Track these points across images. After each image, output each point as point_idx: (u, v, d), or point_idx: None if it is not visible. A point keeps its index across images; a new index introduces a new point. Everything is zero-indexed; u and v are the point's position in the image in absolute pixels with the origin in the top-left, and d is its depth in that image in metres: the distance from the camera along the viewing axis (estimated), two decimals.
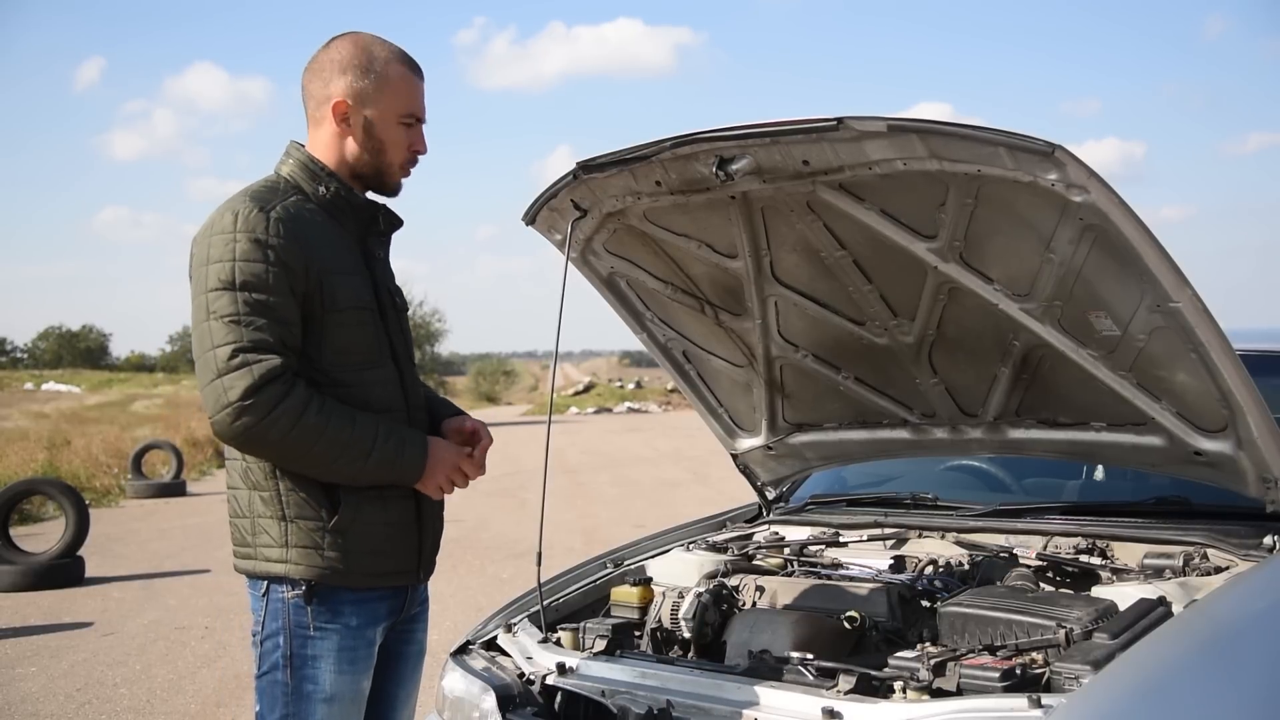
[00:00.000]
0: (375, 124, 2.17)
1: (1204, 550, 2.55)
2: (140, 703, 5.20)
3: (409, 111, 2.19)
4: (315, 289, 2.06)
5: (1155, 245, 2.15)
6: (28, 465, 14.35)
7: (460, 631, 2.71)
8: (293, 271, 2.03)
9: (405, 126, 2.20)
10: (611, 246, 2.81)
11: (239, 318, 1.99)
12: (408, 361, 2.27)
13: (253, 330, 1.98)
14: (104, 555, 9.21)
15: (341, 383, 2.11)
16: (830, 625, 2.37)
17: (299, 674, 2.10)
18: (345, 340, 2.11)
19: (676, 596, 2.57)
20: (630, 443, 21.59)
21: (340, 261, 2.13)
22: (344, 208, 2.18)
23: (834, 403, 3.05)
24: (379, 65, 2.16)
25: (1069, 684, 1.89)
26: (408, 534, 2.20)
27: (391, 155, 2.20)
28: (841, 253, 2.56)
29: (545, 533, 2.45)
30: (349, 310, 2.11)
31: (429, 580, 2.33)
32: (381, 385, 2.17)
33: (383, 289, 2.23)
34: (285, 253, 2.02)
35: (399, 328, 2.27)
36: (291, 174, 2.17)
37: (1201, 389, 2.39)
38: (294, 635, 2.10)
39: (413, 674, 2.38)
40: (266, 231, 2.02)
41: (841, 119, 2.18)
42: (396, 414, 2.19)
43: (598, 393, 44.91)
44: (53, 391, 41.73)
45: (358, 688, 2.17)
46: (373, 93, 2.16)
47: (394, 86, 2.17)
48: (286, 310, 2.03)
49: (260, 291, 2.00)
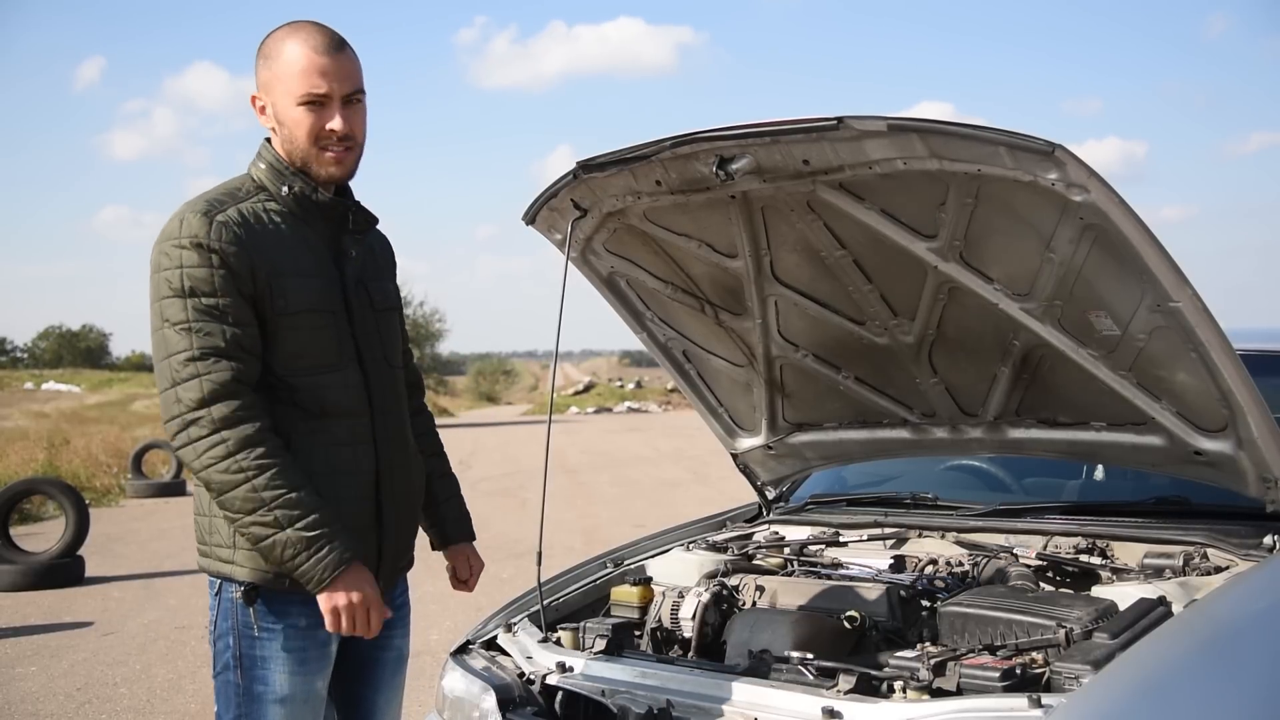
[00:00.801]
0: (279, 111, 2.12)
1: (1204, 550, 2.55)
2: (140, 702, 5.20)
3: (304, 90, 2.08)
4: (264, 292, 2.04)
5: (1155, 245, 2.15)
6: (28, 465, 14.37)
7: (460, 631, 2.71)
8: (238, 275, 2.01)
9: (307, 107, 2.09)
10: (611, 246, 2.81)
11: (189, 324, 1.99)
12: (381, 363, 2.23)
13: (203, 336, 1.99)
14: (104, 555, 9.21)
15: (296, 385, 2.09)
16: (830, 625, 2.37)
17: (249, 674, 2.10)
18: (298, 343, 2.08)
19: (676, 596, 2.57)
20: (630, 442, 21.59)
21: (296, 263, 2.09)
22: (309, 206, 2.14)
23: (834, 402, 3.05)
24: (273, 48, 2.11)
25: (1069, 684, 1.89)
26: (365, 541, 2.15)
27: (301, 139, 2.11)
28: (842, 252, 2.56)
29: (545, 532, 2.45)
30: (302, 313, 2.08)
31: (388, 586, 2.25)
32: (339, 389, 2.13)
33: (354, 289, 2.19)
34: (230, 256, 2.01)
35: (373, 328, 2.22)
36: (259, 175, 2.15)
37: (1201, 389, 2.38)
38: (242, 636, 2.09)
39: (392, 680, 2.35)
40: (209, 236, 2.00)
41: (841, 118, 2.18)
42: (359, 419, 2.15)
43: (598, 392, 44.92)
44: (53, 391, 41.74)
45: (311, 689, 2.14)
46: (271, 79, 2.11)
47: (285, 67, 2.09)
48: (238, 312, 2.02)
49: (209, 296, 1.99)
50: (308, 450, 2.08)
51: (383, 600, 2.15)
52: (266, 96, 2.13)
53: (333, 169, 2.14)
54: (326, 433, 2.11)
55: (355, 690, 2.29)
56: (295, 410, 2.09)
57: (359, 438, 2.15)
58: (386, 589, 2.24)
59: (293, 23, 2.15)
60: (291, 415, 2.08)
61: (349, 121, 2.12)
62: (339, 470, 2.12)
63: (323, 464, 2.10)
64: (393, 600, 2.31)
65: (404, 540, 2.27)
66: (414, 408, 2.46)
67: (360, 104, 2.16)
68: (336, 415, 2.12)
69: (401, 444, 2.26)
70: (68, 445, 16.88)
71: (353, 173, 2.19)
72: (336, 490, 2.09)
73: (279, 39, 2.12)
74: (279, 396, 2.07)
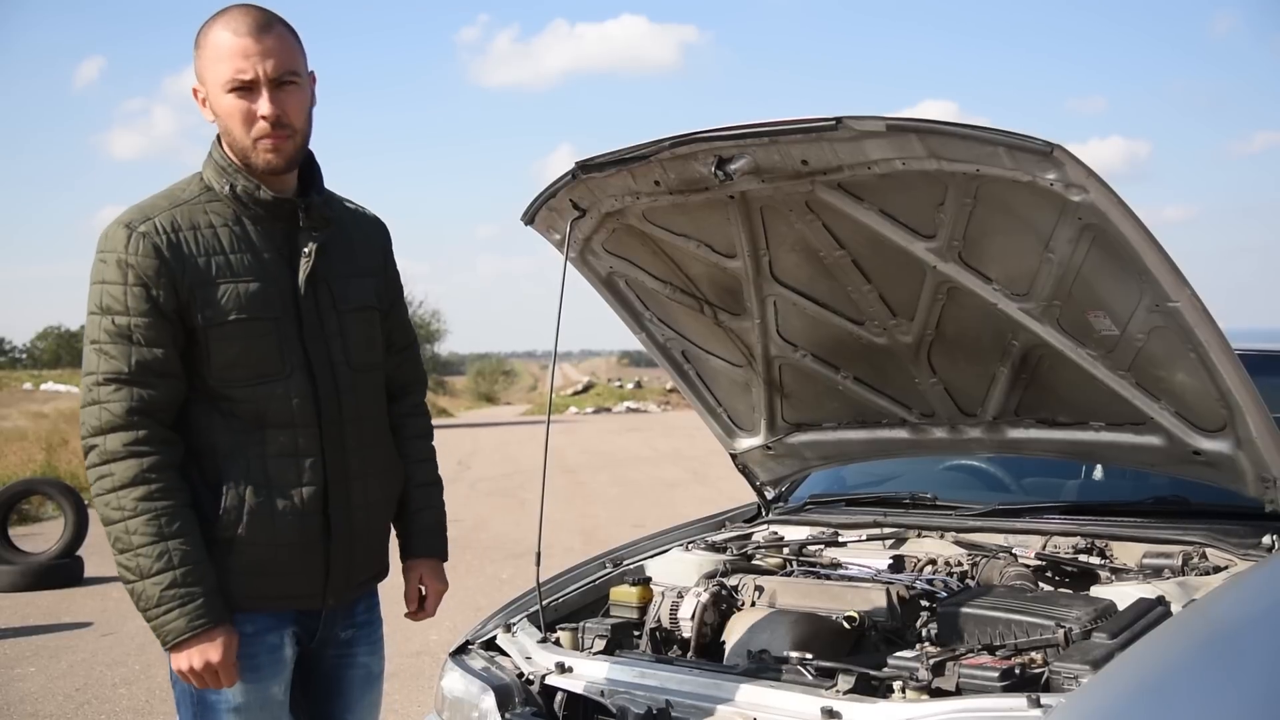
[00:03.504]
0: (213, 101, 2.00)
1: (1203, 550, 2.55)
2: (140, 703, 5.20)
3: (230, 76, 1.96)
4: (188, 303, 1.95)
5: (1154, 245, 2.15)
6: (27, 465, 14.34)
7: (459, 632, 2.71)
8: (156, 289, 1.93)
9: (236, 94, 1.97)
10: (610, 246, 2.81)
11: (101, 346, 1.94)
12: (337, 368, 2.10)
13: (109, 360, 1.93)
14: (103, 555, 9.11)
15: (231, 397, 2.00)
16: (829, 625, 2.37)
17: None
18: (232, 353, 1.99)
19: (676, 596, 2.57)
20: (629, 442, 21.58)
21: (230, 268, 1.98)
22: (253, 205, 2.03)
23: (833, 402, 3.05)
24: (203, 37, 2.00)
25: (1068, 683, 1.89)
26: (308, 554, 2.07)
27: (235, 130, 1.99)
28: (840, 252, 2.56)
29: (544, 532, 2.45)
30: (234, 322, 1.98)
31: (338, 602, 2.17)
32: (280, 400, 2.02)
33: (307, 291, 2.06)
34: (145, 270, 1.92)
35: (333, 330, 2.10)
36: (206, 175, 2.05)
37: (1200, 389, 2.39)
38: None
39: (362, 699, 2.29)
40: (126, 249, 1.93)
41: (840, 119, 2.18)
42: (303, 429, 2.04)
43: (597, 392, 44.93)
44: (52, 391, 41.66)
45: (266, 694, 2.08)
46: (202, 69, 2.00)
47: (212, 53, 1.98)
48: (151, 333, 1.93)
49: (121, 315, 1.93)
50: (244, 463, 2.00)
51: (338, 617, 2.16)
52: (202, 89, 2.02)
53: (269, 156, 2.00)
54: (266, 444, 2.02)
55: (326, 710, 2.25)
56: (234, 421, 2.01)
57: (304, 450, 2.04)
58: (338, 604, 2.17)
59: (231, 8, 2.01)
60: (230, 426, 2.00)
61: (279, 105, 1.98)
62: (278, 483, 2.02)
63: (260, 477, 2.01)
64: (355, 617, 2.25)
65: (361, 555, 2.17)
66: (409, 407, 2.37)
67: (295, 86, 2.01)
68: (278, 426, 2.02)
69: (365, 452, 2.14)
70: (66, 446, 16.84)
71: (294, 162, 2.06)
72: (273, 505, 2.01)
73: (207, 26, 2.00)
74: (218, 408, 2.00)
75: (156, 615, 1.95)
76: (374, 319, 2.23)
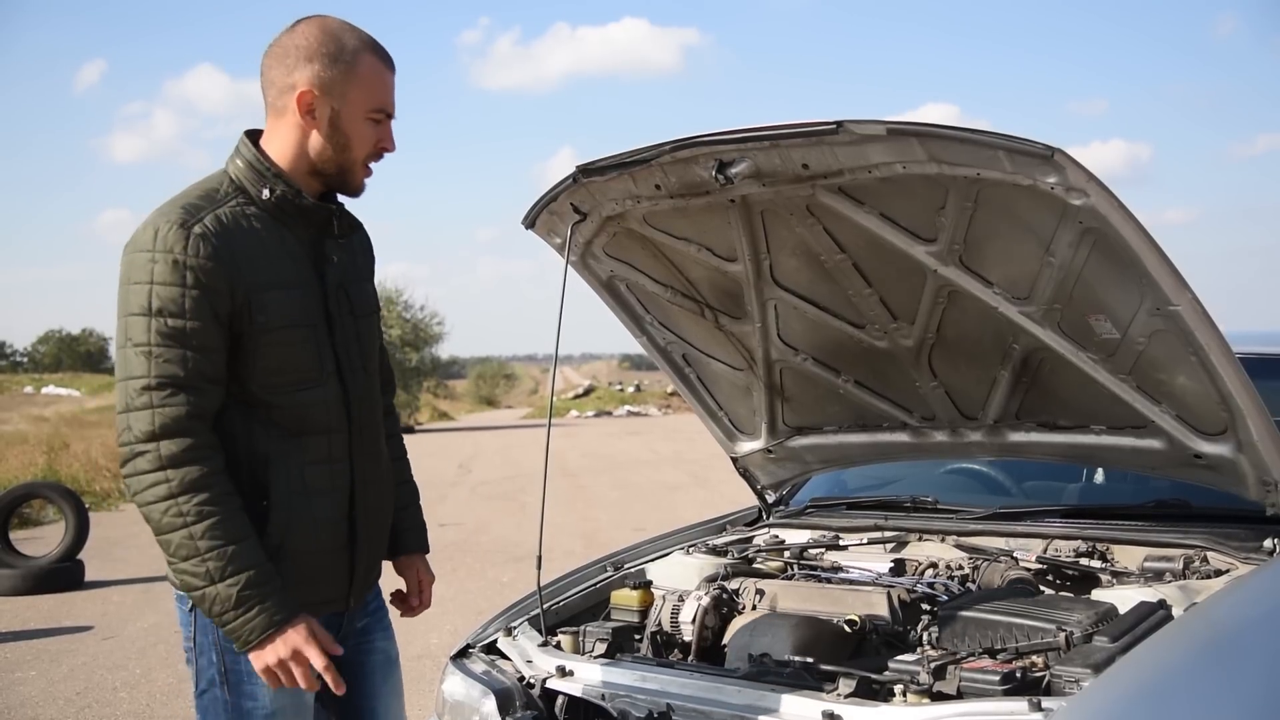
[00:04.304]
0: (342, 117, 2.02)
1: (1204, 553, 2.55)
2: (140, 706, 5.19)
3: (378, 106, 2.05)
4: (243, 308, 1.94)
5: (1155, 248, 2.16)
6: (27, 469, 14.36)
7: (460, 635, 2.71)
8: (215, 292, 1.91)
9: (373, 122, 2.05)
10: (611, 250, 2.81)
11: (150, 349, 1.88)
12: (359, 374, 2.14)
13: (162, 363, 1.88)
14: (104, 559, 9.20)
15: (274, 404, 2.00)
16: (830, 629, 2.37)
17: (236, 690, 2.02)
18: (278, 359, 1.99)
19: (677, 600, 2.57)
20: (630, 446, 21.58)
21: (278, 274, 1.99)
22: (291, 211, 2.03)
23: (834, 406, 3.05)
24: (348, 54, 2.01)
25: (1069, 687, 1.89)
26: (338, 560, 2.10)
27: (357, 152, 2.05)
28: (841, 256, 2.56)
29: (545, 536, 2.45)
30: (283, 329, 1.98)
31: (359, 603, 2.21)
32: (320, 406, 2.04)
33: (335, 298, 2.09)
34: (206, 273, 1.90)
35: (353, 336, 2.13)
36: (237, 174, 2.02)
37: (1201, 392, 2.39)
38: (225, 651, 2.00)
39: (384, 684, 2.29)
40: (185, 251, 1.89)
41: (840, 123, 2.18)
42: (338, 435, 2.07)
43: (597, 396, 44.91)
44: (52, 395, 41.72)
45: (300, 700, 2.07)
46: (340, 84, 2.00)
47: (363, 78, 2.02)
48: (206, 337, 1.91)
49: (176, 318, 1.88)
50: (283, 469, 2.00)
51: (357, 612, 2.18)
52: (327, 98, 2.00)
53: (366, 180, 2.10)
54: (304, 451, 2.03)
55: (352, 701, 2.23)
56: (273, 428, 2.01)
57: (336, 455, 2.07)
58: (358, 604, 2.20)
59: (354, 27, 2.04)
60: (269, 433, 2.00)
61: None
62: (315, 490, 2.04)
63: (299, 483, 2.02)
64: (366, 606, 2.27)
65: (375, 555, 2.22)
66: (386, 407, 2.37)
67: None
68: (315, 432, 2.04)
69: (376, 457, 2.19)
70: (67, 449, 16.86)
71: None
72: (312, 510, 2.03)
73: (350, 43, 2.01)
74: (256, 415, 1.99)
75: (236, 617, 1.91)
76: (378, 323, 2.27)
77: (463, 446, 21.43)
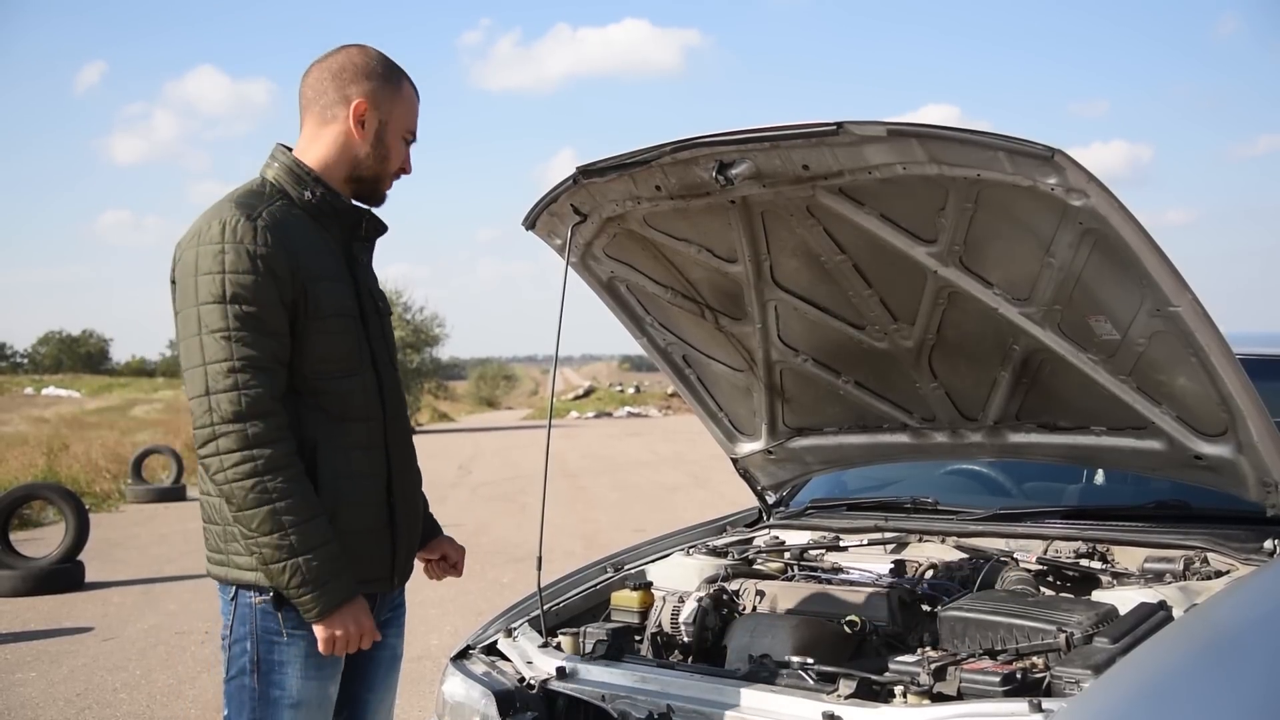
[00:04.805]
0: (386, 131, 2.22)
1: (1204, 554, 2.55)
2: (140, 708, 5.19)
3: (411, 127, 2.27)
4: (301, 295, 2.08)
5: (1155, 249, 2.16)
6: (28, 470, 14.37)
7: (460, 636, 2.71)
8: (280, 280, 2.04)
9: (404, 142, 2.27)
10: (611, 251, 2.81)
11: (230, 333, 2.00)
12: (389, 367, 2.28)
13: (243, 346, 2.00)
14: (104, 560, 9.20)
15: (322, 389, 2.12)
16: (831, 630, 2.37)
17: (266, 679, 2.11)
18: (326, 347, 2.12)
19: (677, 601, 2.57)
20: (630, 447, 21.59)
21: (324, 267, 2.14)
22: (328, 212, 2.19)
23: (834, 407, 3.05)
24: (395, 79, 2.24)
25: (1069, 688, 1.89)
26: (381, 540, 2.21)
27: (392, 164, 2.25)
28: (841, 257, 2.56)
29: (545, 537, 2.45)
30: (332, 317, 2.12)
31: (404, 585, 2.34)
32: (361, 393, 2.18)
33: (365, 294, 2.24)
34: (273, 261, 2.03)
35: (380, 333, 2.28)
36: (277, 178, 2.18)
37: (1201, 393, 2.39)
38: (261, 641, 2.11)
39: (385, 679, 2.37)
40: (254, 241, 2.02)
41: (841, 124, 2.18)
42: (374, 422, 2.20)
43: (598, 397, 44.92)
44: (53, 396, 41.74)
45: (325, 693, 2.17)
46: (388, 101, 2.22)
47: (407, 101, 2.25)
48: (276, 322, 2.04)
49: (250, 304, 2.01)
50: (330, 453, 2.12)
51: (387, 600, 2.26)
52: (376, 112, 2.20)
53: (388, 191, 2.30)
54: (347, 436, 2.15)
55: (350, 689, 2.30)
56: (320, 413, 2.12)
57: (374, 441, 2.20)
58: (400, 583, 2.30)
59: (390, 59, 2.26)
60: (316, 418, 2.12)
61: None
62: (358, 473, 2.16)
63: (344, 467, 2.14)
64: (391, 600, 2.34)
65: (413, 539, 2.33)
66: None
67: None
68: (356, 419, 2.16)
69: (407, 445, 2.31)
70: (68, 450, 16.88)
71: None
72: (356, 492, 2.15)
73: (396, 70, 2.24)
74: (304, 400, 2.10)
75: (315, 588, 2.02)
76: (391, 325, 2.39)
77: (463, 448, 21.44)
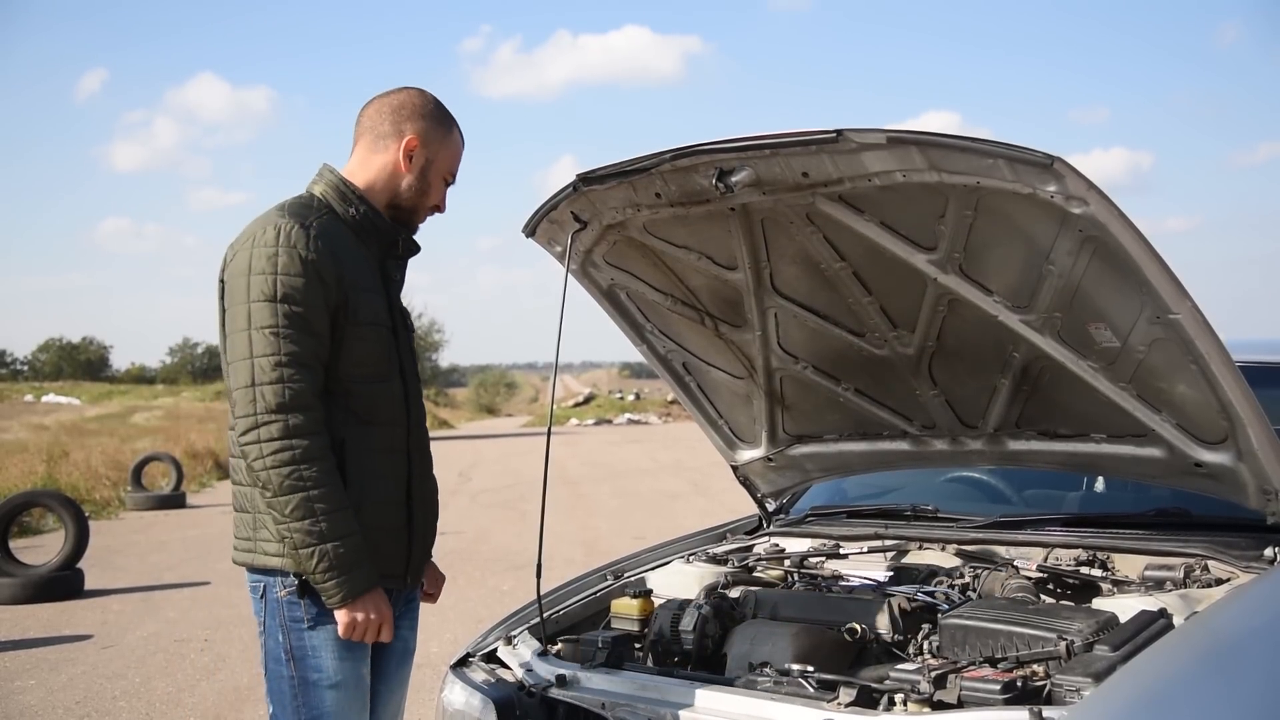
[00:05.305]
0: (430, 168, 2.37)
1: (1205, 562, 2.54)
2: (140, 715, 5.18)
3: (453, 171, 2.43)
4: (343, 302, 2.21)
5: (1155, 256, 2.16)
6: (27, 477, 14.33)
7: (460, 644, 2.71)
8: (327, 285, 2.17)
9: (445, 182, 2.42)
10: (611, 258, 2.81)
11: (278, 330, 2.13)
12: (413, 379, 2.40)
13: (289, 343, 2.13)
14: (104, 567, 9.19)
15: (353, 392, 2.24)
16: (831, 637, 2.36)
17: (302, 665, 2.21)
18: (361, 352, 2.24)
19: (677, 608, 2.56)
20: (630, 454, 21.57)
21: (364, 278, 2.27)
22: (370, 229, 2.32)
23: (834, 414, 3.05)
24: (447, 124, 2.40)
25: (1070, 696, 1.88)
26: (398, 539, 2.31)
27: (431, 199, 2.40)
28: (841, 264, 2.57)
29: (545, 544, 2.45)
30: (367, 326, 2.25)
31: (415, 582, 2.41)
32: (388, 399, 2.30)
33: (395, 309, 2.38)
34: (321, 267, 2.17)
35: (408, 346, 2.41)
36: (324, 194, 2.32)
37: (1201, 400, 2.39)
38: (290, 630, 2.21)
39: (397, 671, 2.43)
40: (307, 247, 2.16)
41: (840, 131, 2.18)
42: (398, 428, 2.32)
43: (598, 404, 44.92)
44: (53, 403, 41.72)
45: (359, 673, 2.26)
46: (436, 143, 2.37)
47: (454, 147, 2.42)
48: (319, 324, 2.17)
49: (299, 305, 2.14)
50: (356, 452, 2.23)
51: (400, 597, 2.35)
52: (424, 150, 2.36)
53: (421, 223, 2.44)
54: (372, 438, 2.26)
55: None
56: (349, 415, 2.23)
57: (396, 446, 2.31)
58: (414, 583, 2.40)
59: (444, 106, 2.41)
60: (345, 419, 2.23)
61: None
62: (380, 475, 2.27)
63: (370, 466, 2.25)
64: (405, 595, 2.41)
65: (428, 541, 2.42)
66: None
67: None
68: (382, 423, 2.28)
69: (426, 453, 2.42)
70: (67, 458, 16.86)
71: None
72: (379, 492, 2.26)
73: (449, 117, 2.40)
74: (336, 401, 2.21)
75: (341, 573, 2.14)
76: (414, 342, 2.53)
77: (463, 455, 21.42)
